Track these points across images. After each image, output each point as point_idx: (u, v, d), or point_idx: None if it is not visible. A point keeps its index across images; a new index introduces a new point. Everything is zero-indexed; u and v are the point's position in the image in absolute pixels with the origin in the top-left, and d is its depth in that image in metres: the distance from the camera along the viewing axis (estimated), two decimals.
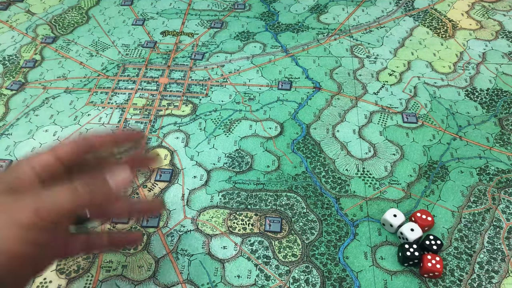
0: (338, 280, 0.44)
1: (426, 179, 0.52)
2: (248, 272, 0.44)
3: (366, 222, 0.48)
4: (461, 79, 0.64)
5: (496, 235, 0.47)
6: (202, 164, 0.54)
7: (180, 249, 0.46)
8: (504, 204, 0.49)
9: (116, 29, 0.74)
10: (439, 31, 0.72)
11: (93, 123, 0.59)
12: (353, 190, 0.51)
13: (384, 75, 0.64)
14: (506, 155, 0.54)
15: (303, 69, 0.66)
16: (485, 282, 0.43)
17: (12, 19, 0.76)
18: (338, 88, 0.63)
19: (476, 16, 0.75)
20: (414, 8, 0.77)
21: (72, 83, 0.65)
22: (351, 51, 0.68)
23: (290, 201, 0.50)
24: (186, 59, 0.68)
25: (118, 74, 0.66)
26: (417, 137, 0.56)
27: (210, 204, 0.50)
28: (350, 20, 0.74)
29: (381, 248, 0.46)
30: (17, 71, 0.66)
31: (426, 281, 0.43)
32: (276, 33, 0.72)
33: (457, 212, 0.49)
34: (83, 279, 0.44)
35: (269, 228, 0.47)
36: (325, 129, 0.57)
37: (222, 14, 0.76)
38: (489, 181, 0.51)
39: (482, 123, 0.58)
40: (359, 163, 0.53)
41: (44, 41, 0.72)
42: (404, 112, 0.59)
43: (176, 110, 0.60)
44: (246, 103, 0.61)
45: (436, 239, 0.44)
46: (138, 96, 0.62)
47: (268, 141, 0.56)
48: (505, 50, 0.68)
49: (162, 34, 0.73)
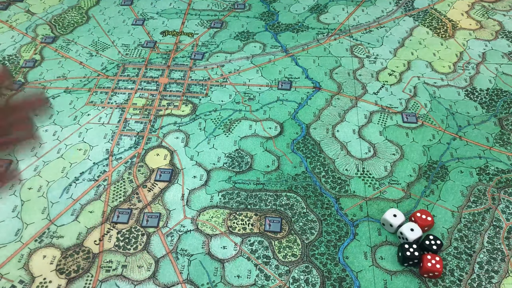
0: (338, 280, 0.44)
1: (426, 179, 0.52)
2: (248, 272, 0.44)
3: (366, 222, 0.48)
4: (461, 79, 0.64)
5: (496, 235, 0.47)
6: (202, 164, 0.54)
7: (180, 249, 0.46)
8: (504, 204, 0.49)
9: (116, 29, 0.74)
10: (439, 31, 0.72)
11: (93, 123, 0.59)
12: (353, 190, 0.51)
13: (384, 75, 0.64)
14: (506, 155, 0.54)
15: (303, 69, 0.66)
16: (485, 282, 0.43)
17: (12, 19, 0.76)
18: (338, 88, 0.63)
19: (476, 16, 0.75)
20: (414, 8, 0.77)
21: (72, 83, 0.65)
22: (351, 51, 0.68)
23: (290, 201, 0.50)
24: (186, 59, 0.68)
25: (118, 74, 0.66)
26: (417, 137, 0.56)
27: (210, 204, 0.50)
28: (350, 20, 0.74)
29: (381, 248, 0.46)
30: (17, 71, 0.66)
31: (426, 281, 0.43)
32: (276, 33, 0.72)
33: (457, 212, 0.49)
34: (83, 279, 0.44)
35: (269, 228, 0.47)
36: (325, 129, 0.57)
37: (222, 14, 0.76)
38: (489, 181, 0.51)
39: (482, 123, 0.58)
40: (359, 163, 0.53)
41: (44, 41, 0.71)
42: (404, 112, 0.59)
43: (176, 110, 0.60)
44: (246, 103, 0.61)
45: (436, 239, 0.44)
46: (138, 96, 0.62)
47: (268, 141, 0.56)
48: (505, 50, 0.68)
49: (162, 34, 0.73)
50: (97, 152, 0.55)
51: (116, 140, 0.57)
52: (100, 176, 0.53)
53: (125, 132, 0.58)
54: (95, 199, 0.51)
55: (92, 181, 0.52)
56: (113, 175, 0.53)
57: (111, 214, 0.49)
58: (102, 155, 0.55)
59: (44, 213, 0.49)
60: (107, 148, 0.56)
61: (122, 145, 0.56)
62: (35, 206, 0.50)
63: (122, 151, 0.55)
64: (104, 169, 0.53)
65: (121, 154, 0.55)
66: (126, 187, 0.52)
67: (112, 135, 0.57)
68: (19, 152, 0.42)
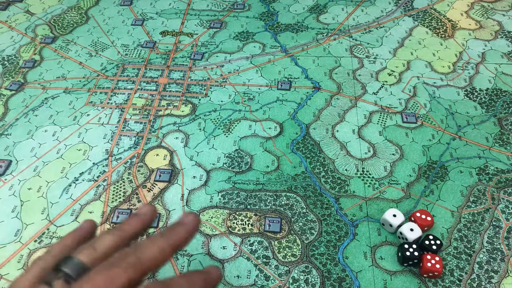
0: (337, 280, 0.44)
1: (426, 179, 0.52)
2: (247, 272, 0.44)
3: (365, 222, 0.48)
4: (461, 79, 0.64)
5: (495, 235, 0.47)
6: (201, 164, 0.54)
7: None
8: (503, 204, 0.49)
9: (116, 29, 0.74)
10: (439, 31, 0.72)
11: (93, 123, 0.59)
12: (352, 190, 0.51)
13: (383, 75, 0.64)
14: (505, 155, 0.54)
15: (302, 69, 0.66)
16: (485, 282, 0.43)
17: (12, 19, 0.76)
18: (338, 88, 0.63)
19: (475, 16, 0.75)
20: (413, 8, 0.77)
21: (72, 83, 0.65)
22: (351, 51, 0.68)
23: (290, 201, 0.50)
24: (185, 59, 0.68)
25: (117, 74, 0.66)
26: (417, 137, 0.56)
27: (209, 204, 0.50)
28: (349, 20, 0.74)
29: (380, 248, 0.46)
30: (17, 71, 0.66)
31: (425, 281, 0.43)
32: (276, 33, 0.72)
33: (457, 212, 0.49)
34: None
35: (269, 228, 0.47)
36: (324, 129, 0.57)
37: (222, 14, 0.76)
38: (489, 181, 0.51)
39: (482, 123, 0.58)
40: (358, 163, 0.53)
41: (43, 41, 0.71)
42: (404, 112, 0.59)
43: (175, 110, 0.60)
44: (245, 103, 0.61)
45: (436, 239, 0.44)
46: (137, 96, 0.62)
47: (268, 141, 0.56)
48: (504, 50, 0.68)
49: (161, 34, 0.73)
50: (97, 153, 0.55)
51: (116, 140, 0.57)
52: (99, 176, 0.53)
53: (124, 132, 0.58)
54: (95, 200, 0.51)
55: (92, 182, 0.52)
56: (112, 175, 0.53)
57: (110, 215, 0.49)
58: (102, 156, 0.55)
59: (43, 214, 0.49)
60: (107, 148, 0.56)
61: (122, 146, 0.56)
62: (35, 206, 0.50)
63: (121, 152, 0.55)
64: (104, 170, 0.53)
65: (121, 155, 0.55)
66: (125, 187, 0.52)
67: (111, 136, 0.57)
68: None
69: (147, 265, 0.22)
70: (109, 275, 0.21)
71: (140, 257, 0.22)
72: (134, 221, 0.25)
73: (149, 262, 0.22)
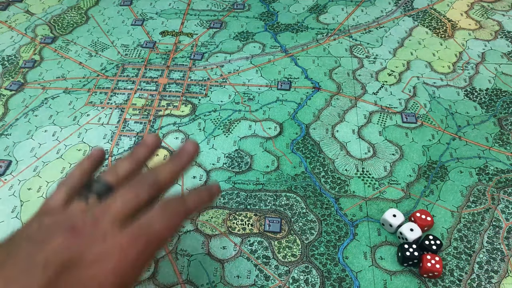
0: (337, 280, 0.44)
1: (426, 179, 0.52)
2: (247, 272, 0.44)
3: (365, 222, 0.48)
4: (461, 79, 0.64)
5: (495, 235, 0.47)
6: (201, 164, 0.54)
7: (179, 249, 0.46)
8: (503, 204, 0.49)
9: (115, 29, 0.74)
10: (439, 31, 0.72)
11: (92, 123, 0.59)
12: (352, 190, 0.51)
13: (383, 75, 0.64)
14: (505, 155, 0.54)
15: (302, 69, 0.66)
16: (485, 282, 0.43)
17: (11, 19, 0.76)
18: (338, 88, 0.63)
19: (475, 16, 0.75)
20: (413, 8, 0.77)
21: (71, 83, 0.65)
22: (351, 51, 0.68)
23: (290, 201, 0.50)
24: (185, 59, 0.68)
25: (117, 74, 0.66)
26: (417, 137, 0.56)
27: None
28: (349, 20, 0.74)
29: (380, 248, 0.46)
30: (16, 71, 0.66)
31: (425, 281, 0.43)
32: (276, 33, 0.72)
33: (457, 212, 0.49)
34: None
35: (269, 228, 0.47)
36: (324, 129, 0.57)
37: (222, 14, 0.76)
38: (489, 181, 0.51)
39: (482, 123, 0.58)
40: (358, 163, 0.53)
41: (43, 41, 0.71)
42: (404, 112, 0.59)
43: (175, 110, 0.60)
44: (245, 103, 0.61)
45: (436, 239, 0.44)
46: (137, 96, 0.62)
47: (268, 141, 0.56)
48: (504, 50, 0.68)
49: (161, 34, 0.73)
50: None
51: (116, 140, 0.57)
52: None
53: (124, 132, 0.58)
54: None
55: None
56: None
57: None
58: None
59: None
60: (107, 148, 0.56)
61: (122, 146, 0.56)
62: (35, 206, 0.50)
63: (121, 152, 0.55)
64: (104, 170, 0.53)
65: (121, 155, 0.55)
66: None
67: (111, 136, 0.57)
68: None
69: (162, 184, 0.28)
70: (134, 192, 0.27)
71: (156, 178, 0.28)
72: (143, 148, 0.31)
73: (164, 182, 0.28)
